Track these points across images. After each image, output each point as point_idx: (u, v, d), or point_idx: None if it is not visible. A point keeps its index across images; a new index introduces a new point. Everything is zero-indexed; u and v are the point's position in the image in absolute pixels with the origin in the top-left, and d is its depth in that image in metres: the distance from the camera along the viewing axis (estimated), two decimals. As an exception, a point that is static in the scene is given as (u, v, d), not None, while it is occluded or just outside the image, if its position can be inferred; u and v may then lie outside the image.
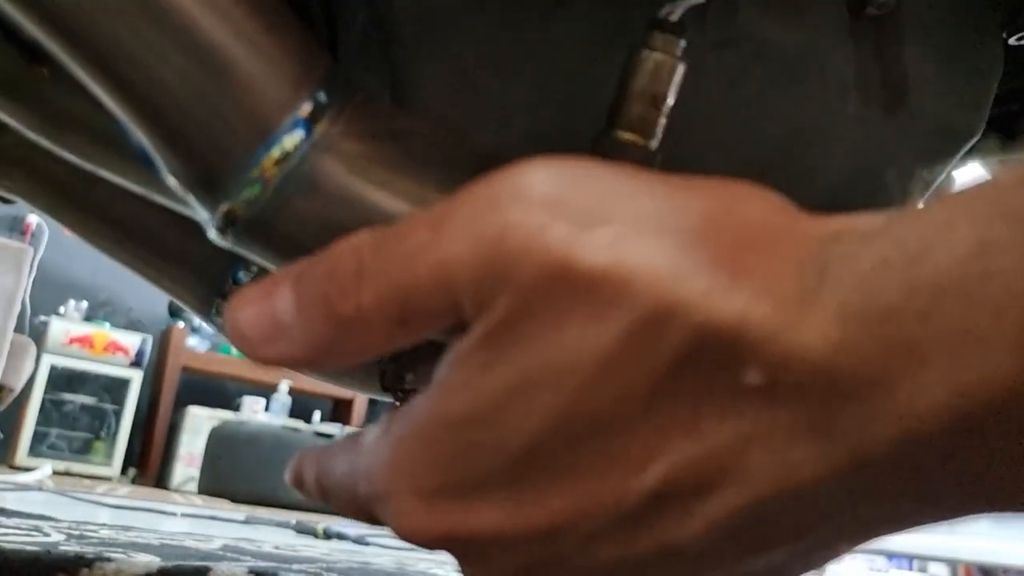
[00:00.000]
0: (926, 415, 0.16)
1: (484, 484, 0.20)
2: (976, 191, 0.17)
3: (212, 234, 0.32)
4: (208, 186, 0.31)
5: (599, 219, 0.19)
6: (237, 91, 0.29)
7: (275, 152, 0.31)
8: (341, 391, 4.65)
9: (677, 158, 0.35)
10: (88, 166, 0.38)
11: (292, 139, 0.31)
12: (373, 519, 0.24)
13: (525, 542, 0.20)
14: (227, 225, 0.32)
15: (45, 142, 0.38)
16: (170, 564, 0.36)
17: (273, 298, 0.23)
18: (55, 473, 3.55)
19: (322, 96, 0.31)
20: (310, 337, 0.22)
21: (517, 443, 0.19)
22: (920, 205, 0.43)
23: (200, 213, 0.32)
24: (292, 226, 0.31)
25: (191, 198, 0.32)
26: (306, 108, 0.31)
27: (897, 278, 0.17)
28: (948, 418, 0.16)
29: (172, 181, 0.32)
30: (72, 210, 0.44)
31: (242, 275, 0.46)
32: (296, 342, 0.22)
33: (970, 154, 0.43)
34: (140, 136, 0.31)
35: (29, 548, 0.79)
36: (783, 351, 0.17)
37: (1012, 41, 0.39)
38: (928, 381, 0.16)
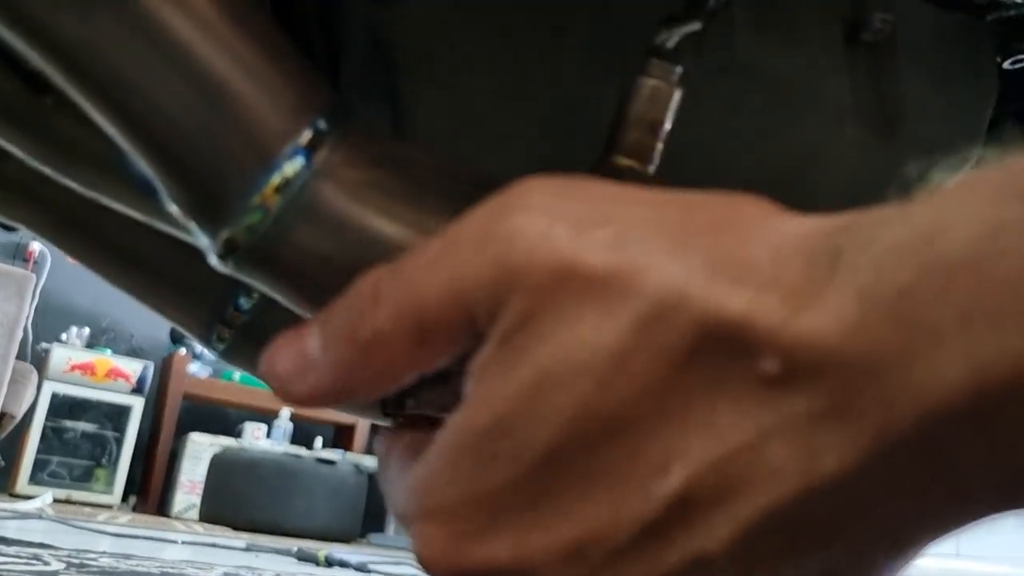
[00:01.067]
0: (943, 394, 0.16)
1: (505, 501, 0.20)
2: (990, 173, 0.17)
3: (213, 261, 0.33)
4: (209, 213, 0.31)
5: (601, 221, 0.20)
6: (238, 119, 0.30)
7: (276, 179, 0.31)
8: (343, 417, 4.64)
9: (675, 184, 0.36)
10: (91, 194, 0.38)
11: (293, 167, 0.31)
12: None
13: (549, 566, 0.20)
14: (228, 252, 0.32)
15: (48, 170, 0.38)
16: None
17: (302, 339, 0.24)
18: (56, 501, 3.53)
19: (322, 124, 0.32)
20: (335, 365, 0.23)
21: (537, 447, 0.19)
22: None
23: (201, 240, 0.32)
24: (293, 252, 0.31)
25: (192, 225, 0.32)
26: (306, 136, 0.31)
27: (912, 259, 0.17)
28: (965, 396, 0.16)
29: (174, 208, 0.32)
30: (74, 237, 0.44)
31: (243, 301, 0.46)
32: (323, 373, 0.23)
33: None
34: (142, 164, 0.32)
35: (28, 577, 0.79)
36: (795, 337, 0.17)
37: (1007, 65, 0.39)
38: (944, 360, 0.16)
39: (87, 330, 4.40)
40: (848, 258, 0.18)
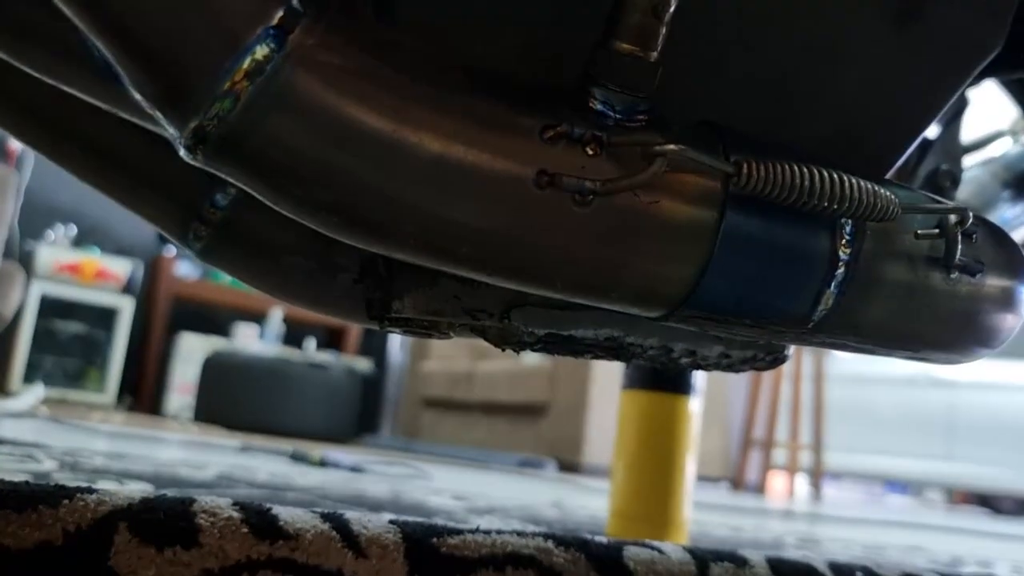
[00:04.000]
0: None
1: None
2: None
3: (182, 152, 0.30)
4: (175, 101, 0.29)
5: None
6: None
7: (245, 64, 0.28)
8: (333, 320, 4.65)
9: (683, 73, 0.33)
10: (50, 80, 0.35)
11: (263, 50, 0.29)
12: None
13: None
14: (197, 143, 0.30)
15: (4, 56, 0.35)
16: (152, 496, 0.35)
17: None
18: (50, 401, 3.58)
19: (295, 3, 0.29)
20: None
21: None
22: (935, 126, 0.41)
23: (169, 130, 0.30)
24: (266, 144, 0.29)
25: (158, 114, 0.30)
26: (277, 16, 0.29)
27: None
28: None
29: (138, 96, 0.30)
30: (39, 130, 0.42)
31: (220, 198, 0.44)
32: None
33: (985, 73, 0.40)
34: (103, 48, 0.29)
35: (19, 476, 0.79)
36: None
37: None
38: None
39: (74, 228, 4.36)
40: None
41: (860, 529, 1.91)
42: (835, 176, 0.31)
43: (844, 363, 5.33)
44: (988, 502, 5.62)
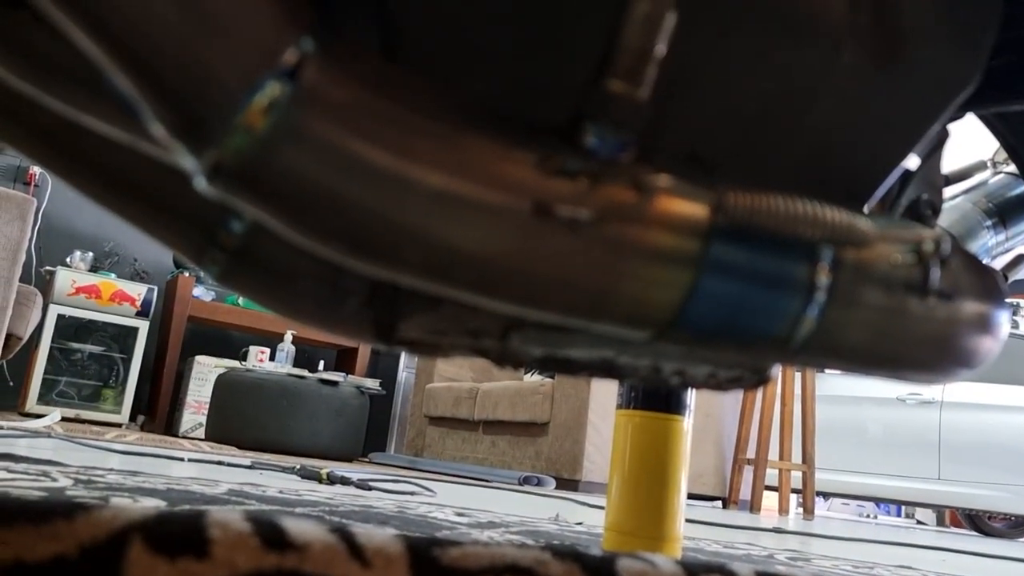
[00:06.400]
0: None
1: None
2: None
3: (200, 184, 0.32)
4: (193, 134, 0.31)
5: None
6: (219, 36, 0.29)
7: (260, 100, 0.30)
8: (344, 341, 4.66)
9: (667, 108, 0.35)
10: (72, 114, 0.37)
11: (277, 88, 0.30)
12: None
13: None
14: (214, 175, 0.31)
15: (27, 87, 0.37)
16: (167, 509, 0.36)
17: None
18: (65, 420, 3.59)
19: (308, 44, 0.31)
20: None
21: None
22: (915, 158, 0.42)
23: (187, 162, 0.32)
24: (278, 176, 0.31)
25: (177, 146, 0.32)
26: (291, 56, 0.30)
27: None
28: None
29: (157, 129, 0.32)
30: (58, 156, 0.44)
31: (236, 224, 0.45)
32: None
33: (967, 106, 0.42)
34: (122, 82, 0.31)
35: (35, 493, 0.81)
36: None
37: (1011, -11, 0.38)
38: None
39: (90, 254, 4.41)
40: None
41: (851, 547, 1.90)
42: (816, 206, 0.33)
43: (834, 383, 5.31)
44: (978, 523, 5.58)
